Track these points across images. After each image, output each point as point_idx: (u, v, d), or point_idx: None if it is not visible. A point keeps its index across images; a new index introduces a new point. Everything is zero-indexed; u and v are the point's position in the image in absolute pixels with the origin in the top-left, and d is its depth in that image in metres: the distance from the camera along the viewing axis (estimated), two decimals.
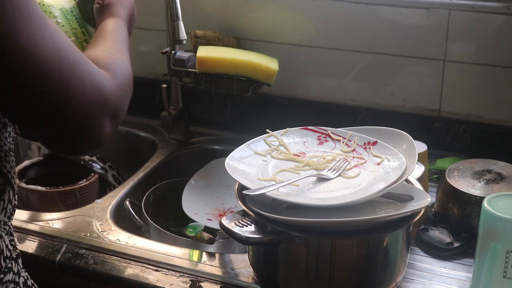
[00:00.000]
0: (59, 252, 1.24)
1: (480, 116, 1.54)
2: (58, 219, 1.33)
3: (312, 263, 1.04)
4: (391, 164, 1.10)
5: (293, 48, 1.64)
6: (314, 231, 1.02)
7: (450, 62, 1.51)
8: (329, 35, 1.60)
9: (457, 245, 1.20)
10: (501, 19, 1.43)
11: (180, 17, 1.52)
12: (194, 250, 1.24)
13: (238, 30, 1.66)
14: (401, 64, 1.56)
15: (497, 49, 1.46)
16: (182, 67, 1.56)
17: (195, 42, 1.60)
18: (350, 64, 1.61)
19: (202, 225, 1.30)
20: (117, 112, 0.84)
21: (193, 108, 1.78)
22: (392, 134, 1.18)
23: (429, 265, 1.17)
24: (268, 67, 1.52)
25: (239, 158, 1.14)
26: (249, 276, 1.15)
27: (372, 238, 1.03)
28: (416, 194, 1.06)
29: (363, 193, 1.03)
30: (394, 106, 1.60)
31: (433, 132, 1.57)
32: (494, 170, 1.28)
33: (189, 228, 1.29)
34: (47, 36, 0.75)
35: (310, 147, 1.19)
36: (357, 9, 1.54)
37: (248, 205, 1.04)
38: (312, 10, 1.59)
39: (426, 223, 1.25)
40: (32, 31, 0.74)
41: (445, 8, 1.47)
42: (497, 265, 1.02)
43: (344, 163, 1.12)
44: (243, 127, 1.69)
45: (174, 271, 1.18)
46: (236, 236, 1.02)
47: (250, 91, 1.53)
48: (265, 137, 1.20)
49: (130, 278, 1.17)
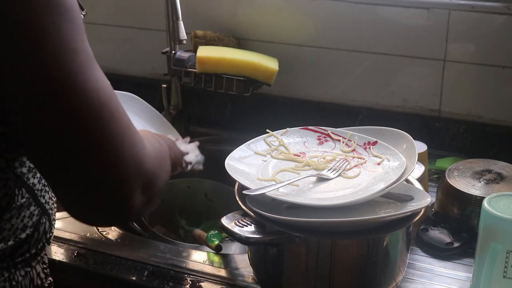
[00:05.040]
0: (59, 252, 1.24)
1: (480, 116, 1.54)
2: (58, 219, 1.32)
3: (312, 263, 1.04)
4: (391, 164, 1.10)
5: (293, 48, 1.64)
6: (314, 231, 1.02)
7: (450, 62, 1.51)
8: (329, 35, 1.60)
9: (457, 245, 1.20)
10: (501, 19, 1.43)
11: (180, 17, 1.52)
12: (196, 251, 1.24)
13: (238, 30, 1.66)
14: (401, 64, 1.56)
15: (497, 49, 1.46)
16: (182, 67, 1.56)
17: (195, 42, 1.60)
18: (350, 64, 1.61)
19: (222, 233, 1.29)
20: (151, 183, 0.76)
21: (193, 108, 1.78)
22: (392, 134, 1.18)
23: (429, 265, 1.17)
24: (268, 67, 1.52)
25: (239, 158, 1.14)
26: (249, 276, 1.15)
27: (372, 238, 1.03)
28: (416, 194, 1.06)
29: (363, 193, 1.02)
30: (394, 106, 1.60)
31: (433, 132, 1.57)
32: (494, 170, 1.28)
33: (212, 237, 1.25)
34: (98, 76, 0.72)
35: (310, 147, 1.19)
36: (357, 9, 1.54)
37: (248, 205, 1.04)
38: (312, 10, 1.59)
39: (426, 223, 1.25)
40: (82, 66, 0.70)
41: (445, 8, 1.47)
42: (497, 265, 1.02)
43: (344, 163, 1.12)
44: (243, 127, 1.69)
45: (174, 271, 1.18)
46: (236, 236, 1.02)
47: (250, 91, 1.53)
48: (265, 137, 1.20)
49: (130, 278, 1.17)
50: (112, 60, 1.85)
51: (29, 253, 0.90)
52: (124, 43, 1.84)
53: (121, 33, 1.82)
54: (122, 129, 0.73)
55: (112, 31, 1.83)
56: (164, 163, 0.85)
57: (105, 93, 0.72)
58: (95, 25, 1.82)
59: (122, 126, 0.73)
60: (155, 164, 0.78)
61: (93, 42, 0.76)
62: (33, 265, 0.93)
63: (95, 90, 0.71)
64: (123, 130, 0.73)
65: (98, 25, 1.82)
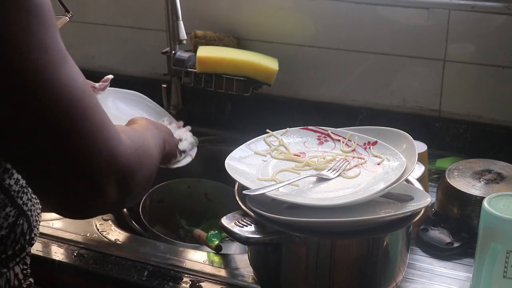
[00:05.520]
0: (59, 252, 1.24)
1: (480, 116, 1.54)
2: (58, 219, 1.33)
3: (312, 263, 1.04)
4: (391, 164, 1.10)
5: (293, 48, 1.64)
6: (314, 231, 1.02)
7: (450, 62, 1.51)
8: (329, 35, 1.60)
9: (457, 245, 1.20)
10: (501, 19, 1.43)
11: (180, 17, 1.52)
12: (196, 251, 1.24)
13: (238, 30, 1.66)
14: (401, 64, 1.56)
15: (497, 49, 1.46)
16: (182, 67, 1.56)
17: (195, 42, 1.60)
18: (350, 64, 1.61)
19: (222, 233, 1.29)
20: (126, 178, 0.76)
21: (193, 108, 1.78)
22: (392, 134, 1.18)
23: (429, 265, 1.17)
24: (268, 67, 1.52)
25: (239, 158, 1.14)
26: (249, 276, 1.15)
27: (372, 238, 1.03)
28: (416, 194, 1.06)
29: (363, 193, 1.02)
30: (394, 106, 1.60)
31: (433, 132, 1.57)
32: (494, 170, 1.28)
33: (212, 237, 1.25)
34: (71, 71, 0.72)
35: (310, 147, 1.19)
36: (357, 9, 1.54)
37: (248, 205, 1.04)
38: (312, 10, 1.59)
39: (426, 223, 1.25)
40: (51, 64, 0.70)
41: (445, 8, 1.47)
42: (497, 265, 1.02)
43: (344, 163, 1.12)
44: (243, 127, 1.69)
45: (174, 271, 1.18)
46: (236, 236, 1.02)
47: (250, 91, 1.53)
48: (265, 137, 1.20)
49: (130, 278, 1.17)
50: (112, 60, 1.85)
51: (5, 254, 0.89)
52: (124, 43, 1.84)
53: (121, 33, 1.82)
54: (95, 125, 0.73)
55: (112, 31, 1.83)
56: (146, 157, 0.85)
57: (77, 90, 0.72)
58: (95, 25, 1.82)
59: (96, 122, 0.73)
60: (132, 159, 0.78)
61: (93, 42, 0.76)
62: (10, 266, 0.91)
63: (66, 87, 0.71)
64: (96, 126, 0.73)
65: (98, 25, 1.82)
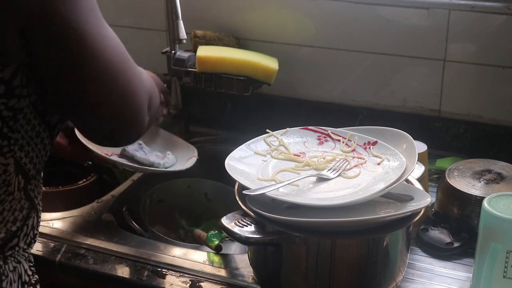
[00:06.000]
0: (59, 252, 1.24)
1: (480, 116, 1.54)
2: (58, 219, 1.33)
3: (312, 263, 1.04)
4: (391, 164, 1.10)
5: (293, 48, 1.64)
6: (314, 231, 1.02)
7: (450, 62, 1.51)
8: (329, 35, 1.60)
9: (457, 245, 1.20)
10: (501, 19, 1.43)
11: (180, 17, 1.51)
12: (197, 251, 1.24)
13: (238, 30, 1.66)
14: (401, 64, 1.56)
15: (497, 49, 1.46)
16: (182, 67, 1.56)
17: (195, 42, 1.60)
18: (350, 64, 1.61)
19: (222, 233, 1.29)
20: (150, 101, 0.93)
21: (193, 108, 1.78)
22: (392, 134, 1.18)
23: (429, 265, 1.17)
24: (268, 66, 1.52)
25: (239, 158, 1.14)
26: (249, 276, 1.15)
27: (372, 238, 1.03)
28: (416, 194, 1.06)
29: (363, 193, 1.02)
30: (394, 106, 1.60)
31: (433, 132, 1.57)
32: (494, 170, 1.28)
33: (212, 237, 1.24)
34: (111, 35, 0.90)
35: (310, 147, 1.19)
36: (357, 9, 1.54)
37: (248, 205, 1.04)
38: (312, 10, 1.59)
39: (426, 223, 1.25)
40: (101, 29, 0.87)
41: (445, 8, 1.47)
42: (497, 265, 1.02)
43: (344, 163, 1.12)
44: (243, 127, 1.69)
45: (174, 271, 1.18)
46: (236, 236, 1.02)
47: (250, 91, 1.53)
48: (265, 137, 1.20)
49: (130, 278, 1.17)
50: None
51: (18, 247, 0.94)
52: (124, 43, 1.82)
53: (121, 33, 1.80)
54: (134, 65, 0.93)
55: None
56: (155, 97, 1.00)
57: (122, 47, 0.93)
58: None
59: (134, 64, 0.93)
60: (152, 86, 0.97)
61: None
62: (21, 261, 0.95)
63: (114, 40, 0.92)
64: (134, 66, 0.93)
65: None
